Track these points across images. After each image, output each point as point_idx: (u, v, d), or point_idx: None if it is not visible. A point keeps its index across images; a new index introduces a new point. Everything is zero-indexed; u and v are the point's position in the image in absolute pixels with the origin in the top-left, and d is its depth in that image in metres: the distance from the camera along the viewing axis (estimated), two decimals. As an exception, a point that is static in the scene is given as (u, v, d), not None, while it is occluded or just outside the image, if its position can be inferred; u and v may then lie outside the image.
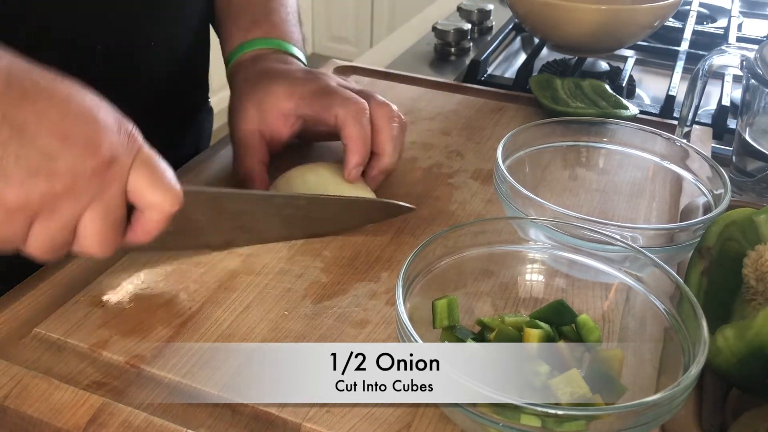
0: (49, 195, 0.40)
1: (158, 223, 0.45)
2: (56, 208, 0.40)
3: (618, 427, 0.35)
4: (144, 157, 0.43)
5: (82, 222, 0.42)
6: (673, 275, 0.43)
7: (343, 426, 0.42)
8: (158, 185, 0.43)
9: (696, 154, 0.59)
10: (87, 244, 0.43)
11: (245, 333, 0.48)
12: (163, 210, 0.44)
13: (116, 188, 0.42)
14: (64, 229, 0.41)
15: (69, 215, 0.41)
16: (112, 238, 0.44)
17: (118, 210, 0.43)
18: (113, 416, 0.42)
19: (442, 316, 0.44)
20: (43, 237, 0.41)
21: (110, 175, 0.41)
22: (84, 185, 0.40)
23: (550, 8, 0.88)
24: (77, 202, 0.41)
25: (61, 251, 0.43)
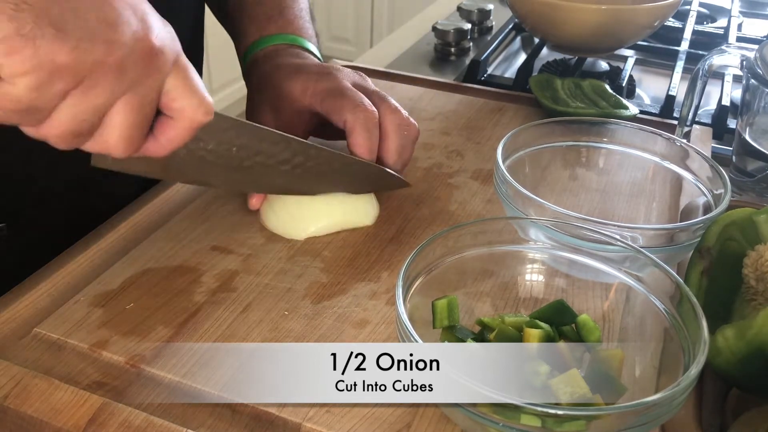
0: (100, 63, 0.37)
1: (184, 131, 0.43)
2: (100, 81, 0.38)
3: (618, 427, 0.35)
4: (183, 62, 0.42)
5: (114, 109, 0.40)
6: (673, 275, 0.43)
7: (343, 426, 0.42)
8: (193, 91, 0.42)
9: (696, 154, 0.59)
10: (110, 137, 0.40)
11: (245, 333, 0.48)
12: (193, 117, 0.43)
13: (156, 80, 0.40)
14: (95, 110, 0.39)
15: (108, 94, 0.38)
16: (137, 136, 0.41)
17: (151, 104, 0.41)
18: (113, 416, 0.42)
19: (442, 316, 0.44)
20: (73, 113, 0.38)
21: (156, 63, 0.40)
22: (132, 65, 0.38)
23: (550, 8, 0.88)
24: (121, 81, 0.38)
25: (80, 140, 0.40)
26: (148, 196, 0.62)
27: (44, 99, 0.37)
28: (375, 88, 0.63)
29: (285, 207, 0.58)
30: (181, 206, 0.61)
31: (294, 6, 0.71)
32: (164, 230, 0.58)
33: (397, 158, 0.60)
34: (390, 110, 0.60)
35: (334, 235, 0.58)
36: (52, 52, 0.35)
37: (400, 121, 0.60)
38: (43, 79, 0.36)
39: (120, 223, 0.58)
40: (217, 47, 0.77)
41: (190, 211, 0.60)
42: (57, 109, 0.38)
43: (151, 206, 0.61)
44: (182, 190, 0.63)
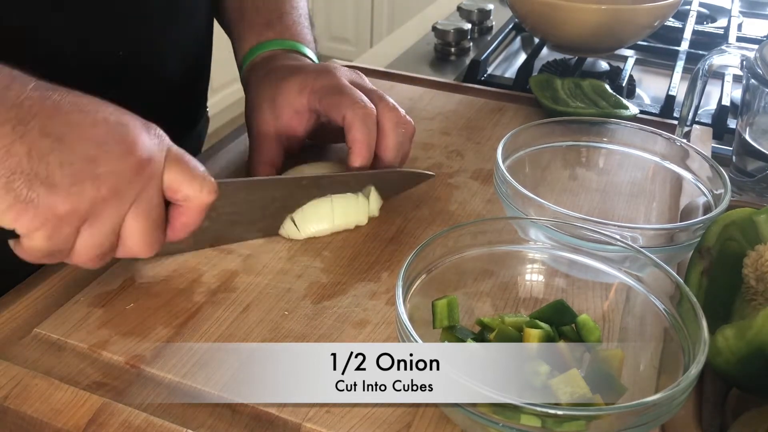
0: (95, 198, 0.41)
1: (196, 215, 0.46)
2: (102, 212, 0.42)
3: (618, 427, 0.35)
4: (174, 153, 0.45)
5: (126, 224, 0.43)
6: (673, 275, 0.43)
7: (343, 426, 0.42)
8: (193, 178, 0.45)
9: (696, 154, 0.59)
10: (132, 245, 0.45)
11: (245, 333, 0.48)
12: (200, 201, 0.46)
13: (154, 185, 0.44)
14: (110, 233, 0.43)
15: (114, 218, 0.43)
16: (156, 236, 0.45)
17: (158, 207, 0.44)
18: (113, 416, 0.42)
19: (442, 316, 0.44)
20: (91, 243, 0.43)
21: (148, 173, 0.43)
22: (126, 185, 0.42)
23: (550, 8, 0.88)
24: (121, 203, 0.42)
25: (107, 257, 0.45)
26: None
27: (61, 242, 0.42)
28: (372, 86, 0.63)
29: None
30: (181, 206, 0.61)
31: (292, 12, 0.71)
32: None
33: (394, 155, 0.60)
34: (387, 108, 0.60)
35: (334, 235, 0.58)
36: (51, 206, 0.40)
37: (397, 119, 0.60)
38: (52, 229, 0.41)
39: (120, 223, 0.58)
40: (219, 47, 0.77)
41: (190, 211, 0.60)
42: (76, 244, 0.43)
43: (151, 206, 0.61)
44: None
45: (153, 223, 0.44)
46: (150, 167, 0.43)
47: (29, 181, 0.39)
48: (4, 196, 0.39)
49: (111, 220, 0.43)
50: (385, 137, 0.60)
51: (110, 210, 0.42)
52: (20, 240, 0.42)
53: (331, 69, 0.63)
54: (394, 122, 0.60)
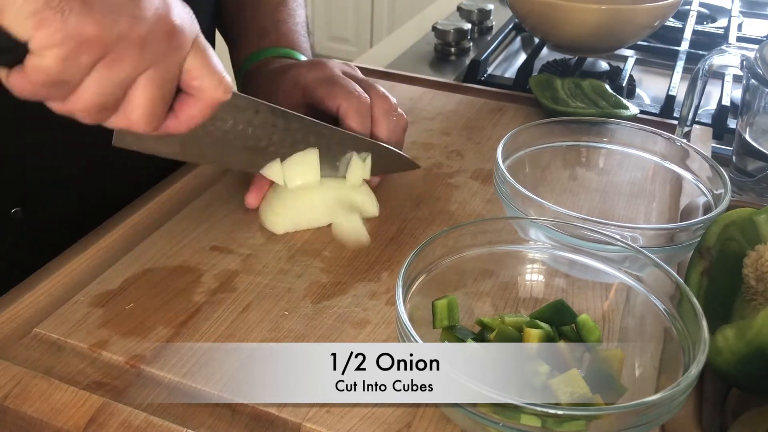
0: (125, 36, 0.39)
1: (204, 109, 0.45)
2: (125, 54, 0.39)
3: (618, 427, 0.35)
4: (201, 42, 0.44)
5: (137, 85, 0.41)
6: (673, 275, 0.43)
7: (343, 426, 0.42)
8: (212, 70, 0.44)
9: (696, 154, 0.59)
10: (133, 112, 0.42)
11: (245, 333, 0.48)
12: (212, 96, 0.44)
13: (177, 58, 0.42)
14: (119, 84, 0.41)
15: (131, 68, 0.40)
16: (159, 111, 0.43)
17: (172, 81, 0.43)
18: (113, 416, 0.42)
19: (442, 316, 0.44)
20: (99, 86, 0.40)
21: (176, 42, 0.41)
22: (154, 42, 0.40)
23: (550, 8, 0.88)
24: (144, 56, 0.40)
25: (104, 115, 0.42)
26: (148, 196, 0.62)
27: (71, 71, 0.38)
28: (363, 76, 0.64)
29: (283, 204, 0.58)
30: (181, 206, 0.61)
31: (289, 21, 0.72)
32: (164, 230, 0.58)
33: (387, 143, 0.61)
34: (378, 97, 0.61)
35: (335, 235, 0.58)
36: (80, 25, 0.37)
37: (388, 107, 0.61)
38: (70, 51, 0.37)
39: (120, 223, 0.58)
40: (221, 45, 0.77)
41: (190, 211, 0.60)
42: (83, 83, 0.39)
43: (151, 206, 0.61)
44: (182, 189, 0.63)
45: (162, 95, 0.42)
46: (180, 38, 0.41)
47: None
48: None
49: (127, 69, 0.40)
50: (377, 125, 0.61)
51: (132, 58, 0.40)
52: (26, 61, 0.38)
53: (323, 61, 0.64)
54: (384, 110, 0.61)
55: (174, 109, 0.44)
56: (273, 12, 0.71)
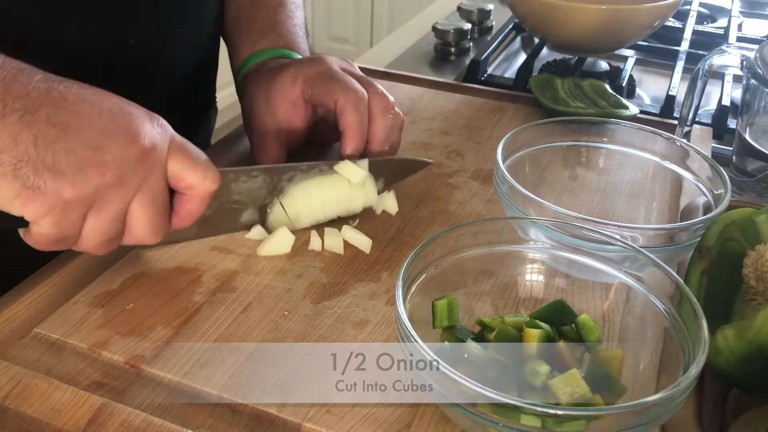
0: (100, 185, 0.42)
1: (200, 202, 0.48)
2: (107, 198, 0.43)
3: (618, 427, 0.35)
4: (178, 142, 0.46)
5: (131, 211, 0.45)
6: (673, 275, 0.43)
7: (343, 426, 0.41)
8: (196, 166, 0.47)
9: (696, 154, 0.59)
10: (138, 232, 0.46)
11: (245, 333, 0.48)
12: (204, 189, 0.47)
13: (158, 173, 0.45)
14: (115, 220, 0.44)
15: (119, 204, 0.44)
16: (161, 223, 0.46)
17: (162, 194, 0.46)
18: (113, 416, 0.42)
19: (442, 316, 0.44)
20: (97, 229, 0.44)
21: (151, 161, 0.44)
22: (130, 173, 0.43)
23: (550, 8, 0.88)
24: (126, 190, 0.44)
25: (114, 243, 0.46)
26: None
27: (68, 228, 0.43)
28: (362, 73, 0.64)
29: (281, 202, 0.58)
30: (181, 206, 0.61)
31: (287, 22, 0.72)
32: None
33: (384, 140, 0.61)
34: (376, 94, 0.61)
35: None
36: (57, 193, 0.41)
37: (386, 104, 0.61)
38: (59, 215, 0.42)
39: (120, 223, 0.58)
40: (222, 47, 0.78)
41: (190, 211, 0.60)
42: (83, 231, 0.44)
43: (151, 206, 0.61)
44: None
45: (158, 209, 0.46)
46: (153, 155, 0.44)
47: (36, 168, 0.41)
48: (11, 183, 0.40)
49: (116, 206, 0.44)
50: (375, 121, 0.61)
51: (115, 196, 0.43)
52: (29, 228, 0.43)
53: (321, 57, 0.64)
54: (382, 107, 0.61)
55: (174, 208, 0.48)
56: (271, 14, 0.72)
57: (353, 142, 0.59)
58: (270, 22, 0.71)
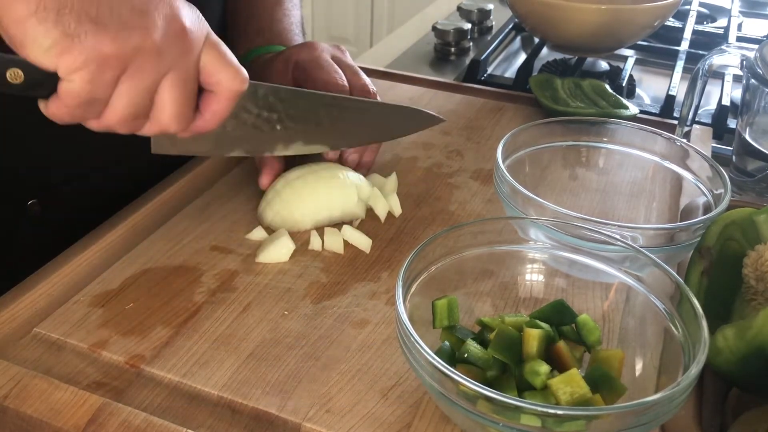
0: (139, 47, 0.41)
1: (226, 102, 0.47)
2: (143, 64, 0.42)
3: (618, 427, 0.35)
4: (213, 38, 0.46)
5: (161, 90, 0.44)
6: (673, 275, 0.43)
7: (343, 426, 0.41)
8: (227, 64, 0.46)
9: (696, 154, 0.59)
10: (164, 115, 0.45)
11: (245, 333, 0.48)
12: (231, 87, 0.47)
13: (192, 57, 0.44)
14: (146, 92, 0.43)
15: (153, 74, 0.43)
16: (187, 110, 0.46)
17: (193, 80, 0.45)
18: (113, 416, 0.42)
19: (442, 316, 0.44)
20: (126, 98, 0.43)
21: (189, 42, 0.44)
22: (168, 46, 0.43)
23: (550, 8, 0.88)
24: (161, 62, 0.43)
25: (139, 123, 0.45)
26: (148, 196, 0.62)
27: (99, 89, 0.42)
28: (351, 61, 0.65)
29: (282, 203, 0.58)
30: (181, 206, 0.61)
31: (284, 20, 0.72)
32: (164, 230, 0.58)
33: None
34: (359, 84, 0.62)
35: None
36: (97, 46, 0.40)
37: (367, 95, 0.62)
38: (94, 70, 0.40)
39: (120, 223, 0.58)
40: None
41: (190, 210, 0.60)
42: (112, 98, 0.43)
43: (151, 206, 0.61)
44: (182, 189, 0.63)
45: (186, 94, 0.45)
46: (192, 37, 0.44)
47: (79, 17, 0.39)
48: (51, 29, 0.39)
49: (149, 76, 0.43)
50: None
51: (151, 65, 0.42)
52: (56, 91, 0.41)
53: (313, 43, 0.64)
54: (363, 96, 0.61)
55: (199, 108, 0.47)
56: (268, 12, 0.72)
57: None
58: (267, 21, 0.72)
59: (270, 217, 0.58)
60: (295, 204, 0.58)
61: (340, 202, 0.59)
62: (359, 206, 0.59)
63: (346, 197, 0.59)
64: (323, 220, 0.58)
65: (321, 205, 0.58)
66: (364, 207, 0.60)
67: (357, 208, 0.59)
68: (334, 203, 0.58)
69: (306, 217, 0.58)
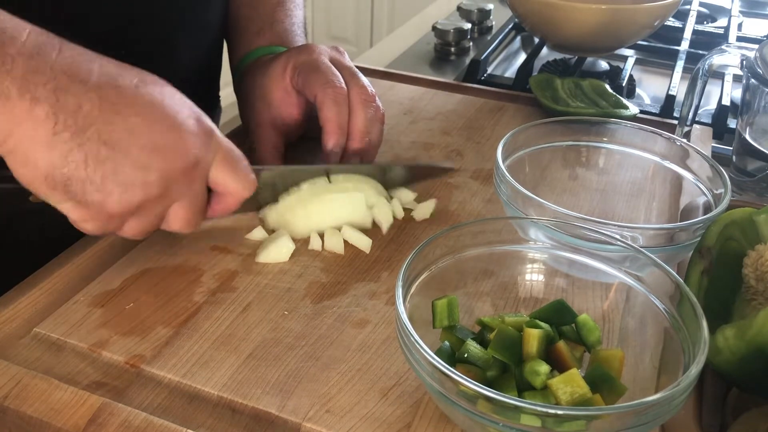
0: (144, 201, 0.45)
1: (235, 204, 0.51)
2: (149, 209, 0.46)
3: (618, 427, 0.35)
4: (223, 152, 0.48)
5: (171, 210, 0.48)
6: (673, 275, 0.43)
7: (343, 426, 0.41)
8: (236, 176, 0.49)
9: (696, 154, 0.59)
10: (175, 226, 0.49)
11: (245, 333, 0.48)
12: (240, 195, 0.51)
13: (201, 182, 0.48)
14: (155, 220, 0.47)
15: (160, 210, 0.47)
16: (197, 219, 0.50)
17: (202, 198, 0.49)
18: (113, 416, 0.42)
19: (442, 316, 0.44)
20: (137, 229, 0.47)
21: (195, 174, 0.47)
22: (174, 185, 0.46)
23: (550, 8, 0.88)
24: (168, 200, 0.46)
25: (151, 232, 0.49)
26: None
27: (109, 230, 0.46)
28: (350, 63, 0.64)
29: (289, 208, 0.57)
30: (181, 206, 0.61)
31: (285, 21, 0.72)
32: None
33: (364, 134, 0.61)
34: (358, 86, 0.61)
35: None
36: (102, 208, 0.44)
37: (365, 97, 0.61)
38: (103, 223, 0.45)
39: (120, 223, 0.58)
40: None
41: (190, 211, 0.60)
42: (123, 228, 0.47)
43: (151, 206, 0.61)
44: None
45: (195, 209, 0.48)
46: (198, 168, 0.47)
47: (84, 187, 0.43)
48: (60, 195, 0.43)
49: (157, 211, 0.47)
50: (354, 115, 0.61)
51: (157, 206, 0.46)
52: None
53: (311, 46, 0.64)
54: (362, 99, 0.61)
55: (210, 203, 0.51)
56: (269, 13, 0.72)
57: (333, 137, 0.60)
58: (268, 21, 0.72)
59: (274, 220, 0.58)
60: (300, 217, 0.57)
61: (347, 217, 0.58)
62: (367, 218, 0.58)
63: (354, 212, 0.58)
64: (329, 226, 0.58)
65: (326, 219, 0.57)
66: (371, 217, 0.59)
67: (365, 220, 0.58)
68: (342, 219, 0.58)
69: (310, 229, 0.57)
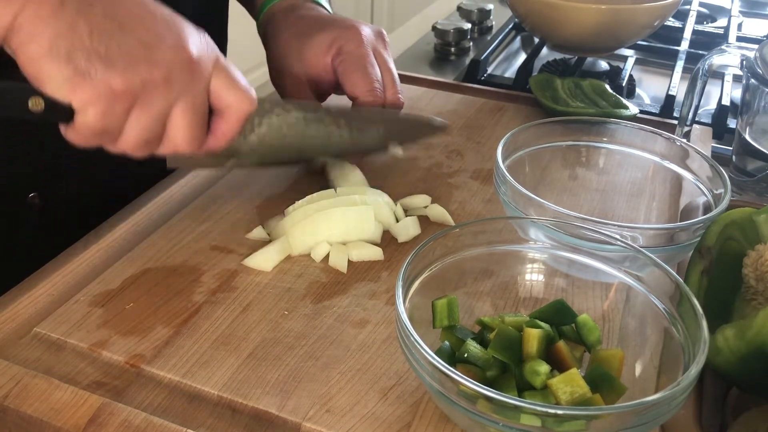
0: (148, 81, 0.44)
1: (236, 123, 0.49)
2: (153, 95, 0.44)
3: (618, 427, 0.35)
4: (222, 62, 0.48)
5: (173, 116, 0.46)
6: (673, 275, 0.43)
7: (343, 426, 0.41)
8: (236, 87, 0.48)
9: (696, 154, 0.59)
10: (177, 138, 0.47)
11: (245, 333, 0.48)
12: (239, 110, 0.49)
13: (202, 84, 0.47)
14: (157, 119, 0.46)
15: (163, 103, 0.45)
16: (199, 132, 0.48)
17: (203, 105, 0.47)
18: (113, 416, 0.42)
19: (442, 316, 0.44)
20: (139, 126, 0.45)
21: (198, 69, 0.46)
22: (177, 75, 0.45)
23: (550, 8, 0.88)
24: (170, 91, 0.45)
25: (153, 147, 0.47)
26: (149, 196, 0.62)
27: (111, 120, 0.44)
28: (391, 64, 0.66)
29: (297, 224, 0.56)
30: (181, 206, 0.61)
31: None
32: (164, 230, 0.58)
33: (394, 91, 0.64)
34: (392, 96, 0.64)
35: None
36: (106, 82, 0.42)
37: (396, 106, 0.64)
38: (106, 105, 0.43)
39: (120, 223, 0.58)
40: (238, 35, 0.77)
41: (190, 211, 0.60)
42: (125, 128, 0.45)
43: (151, 206, 0.61)
44: (182, 189, 0.63)
45: (197, 118, 0.47)
46: (200, 65, 0.46)
47: (89, 56, 0.42)
48: (64, 67, 0.41)
49: (160, 105, 0.45)
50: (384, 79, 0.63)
51: (160, 95, 0.45)
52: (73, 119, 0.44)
53: (360, 33, 0.65)
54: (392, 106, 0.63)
55: (210, 128, 0.49)
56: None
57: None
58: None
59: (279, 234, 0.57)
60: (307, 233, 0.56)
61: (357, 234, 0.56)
62: (377, 233, 0.57)
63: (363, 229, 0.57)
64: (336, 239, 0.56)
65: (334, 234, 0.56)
66: (380, 231, 0.58)
67: (374, 236, 0.57)
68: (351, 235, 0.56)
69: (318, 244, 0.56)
